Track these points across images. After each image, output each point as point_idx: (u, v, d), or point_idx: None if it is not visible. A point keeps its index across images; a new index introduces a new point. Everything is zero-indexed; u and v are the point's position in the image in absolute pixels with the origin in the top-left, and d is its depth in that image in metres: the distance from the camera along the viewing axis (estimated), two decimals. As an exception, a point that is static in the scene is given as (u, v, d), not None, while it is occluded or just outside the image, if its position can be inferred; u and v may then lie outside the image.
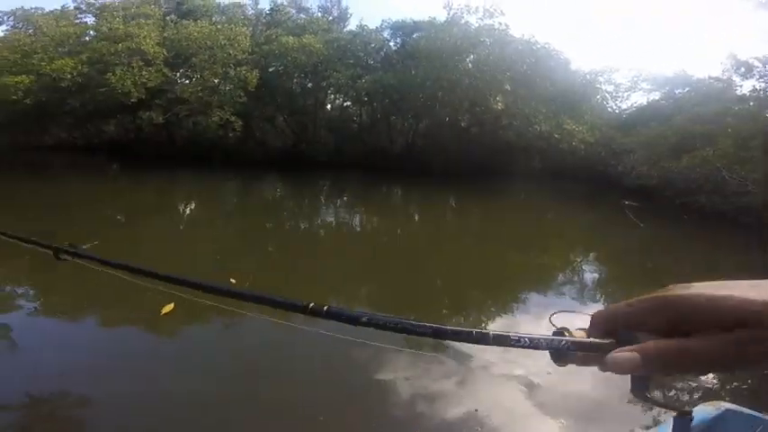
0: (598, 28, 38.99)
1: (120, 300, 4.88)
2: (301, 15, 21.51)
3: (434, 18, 17.47)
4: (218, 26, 15.88)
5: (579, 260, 8.17)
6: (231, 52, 15.32)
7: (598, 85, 18.17)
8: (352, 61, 17.71)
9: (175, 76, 16.16)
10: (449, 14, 16.34)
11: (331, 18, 22.75)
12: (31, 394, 3.13)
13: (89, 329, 4.37)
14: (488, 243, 8.77)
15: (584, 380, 3.54)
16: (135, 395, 3.17)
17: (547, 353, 0.39)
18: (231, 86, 15.67)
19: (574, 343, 0.38)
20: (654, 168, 13.26)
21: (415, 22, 18.45)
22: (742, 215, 9.79)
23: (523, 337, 0.38)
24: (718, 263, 7.55)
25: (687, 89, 18.07)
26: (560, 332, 0.39)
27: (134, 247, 6.61)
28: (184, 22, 16.07)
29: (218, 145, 16.60)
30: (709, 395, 3.51)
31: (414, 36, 18.26)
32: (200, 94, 15.24)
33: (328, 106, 21.39)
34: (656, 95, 19.51)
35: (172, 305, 4.31)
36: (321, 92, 19.39)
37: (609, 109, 19.30)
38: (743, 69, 15.13)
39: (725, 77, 16.63)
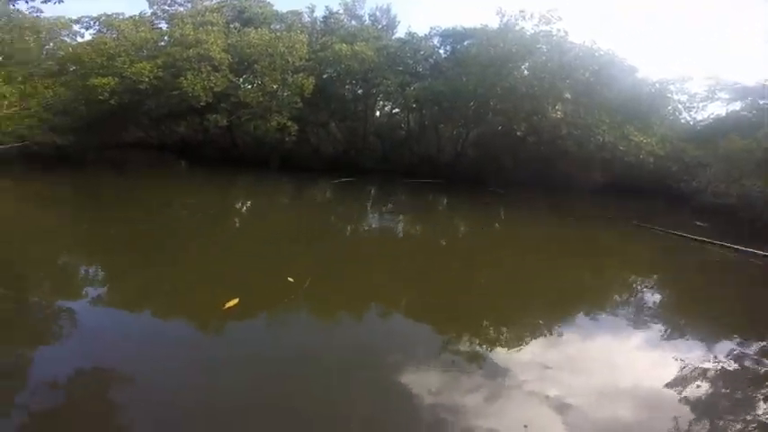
0: (668, 35, 36.17)
1: (188, 291, 5.22)
2: (353, 23, 21.86)
3: (486, 25, 16.88)
4: (278, 34, 16.51)
5: (641, 281, 7.46)
6: (290, 59, 15.90)
7: (669, 95, 16.57)
8: (401, 68, 17.75)
9: (239, 81, 17.13)
10: (501, 21, 15.69)
11: (380, 26, 22.96)
12: (83, 372, 3.38)
13: (158, 318, 4.56)
14: (540, 257, 8.28)
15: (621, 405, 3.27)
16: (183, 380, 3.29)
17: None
18: (289, 92, 16.20)
19: None
20: (733, 186, 12.12)
21: (465, 30, 18.05)
22: None
23: None
24: None
25: None
26: None
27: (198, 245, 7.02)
28: (246, 29, 16.84)
29: (275, 148, 17.28)
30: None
31: (464, 43, 17.91)
32: (260, 99, 15.92)
33: (377, 113, 21.50)
34: (736, 106, 17.54)
35: (236, 300, 4.46)
36: (371, 98, 19.54)
37: (682, 120, 17.63)
38: None
39: None
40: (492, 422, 3.14)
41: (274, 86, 16.31)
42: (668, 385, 3.84)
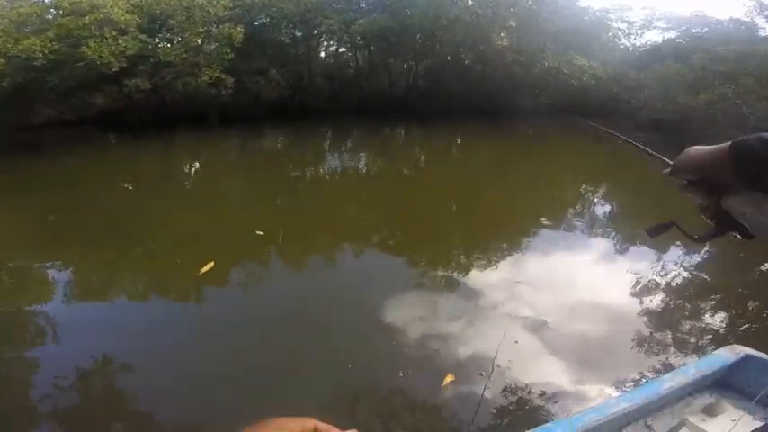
0: None
1: (160, 266, 4.81)
2: None
3: None
4: None
5: (593, 191, 8.07)
6: (211, 10, 14.48)
7: (609, 23, 17.24)
8: (342, 5, 16.79)
9: (154, 41, 15.42)
10: None
11: None
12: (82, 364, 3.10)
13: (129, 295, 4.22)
14: (497, 179, 8.54)
15: (591, 321, 3.55)
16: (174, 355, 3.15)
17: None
18: (216, 44, 14.94)
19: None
20: (669, 104, 13.28)
21: None
22: None
23: None
24: None
25: (705, 29, 17.75)
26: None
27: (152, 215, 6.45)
28: None
29: (210, 103, 16.14)
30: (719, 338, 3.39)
31: None
32: (184, 55, 14.53)
33: (322, 54, 20.37)
34: (671, 34, 19.10)
35: (211, 264, 4.23)
36: (313, 40, 18.31)
37: (621, 47, 18.47)
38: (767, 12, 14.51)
39: (748, 20, 16.40)
40: (477, 343, 3.18)
41: (198, 41, 14.86)
42: (629, 295, 4.02)
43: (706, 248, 5.16)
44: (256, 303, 3.97)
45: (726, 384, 2.01)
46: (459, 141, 13.35)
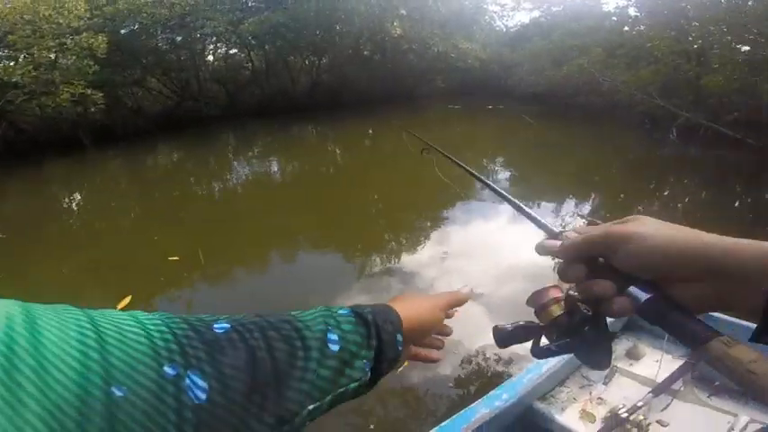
0: None
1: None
2: None
3: None
4: None
5: (496, 160, 8.96)
6: (62, 21, 12.38)
7: (485, 6, 18.75)
8: (227, 6, 15.69)
9: None
10: None
11: None
12: None
13: None
14: (411, 161, 8.93)
15: (516, 282, 3.90)
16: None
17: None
18: (74, 57, 12.88)
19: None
20: (540, 77, 14.77)
21: None
22: (616, 110, 11.46)
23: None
24: (597, 145, 9.16)
25: (561, 7, 19.59)
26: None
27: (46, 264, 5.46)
28: None
29: (81, 123, 13.90)
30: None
31: None
32: (33, 73, 12.20)
33: (210, 57, 18.81)
34: (536, 14, 21.05)
35: (128, 299, 3.88)
36: (196, 44, 16.80)
37: (497, 28, 20.26)
38: None
39: None
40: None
41: (51, 55, 12.65)
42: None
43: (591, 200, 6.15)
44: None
45: (636, 326, 2.13)
46: (370, 131, 13.55)
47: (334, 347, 0.40)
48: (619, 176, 7.32)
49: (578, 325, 0.41)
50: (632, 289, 0.37)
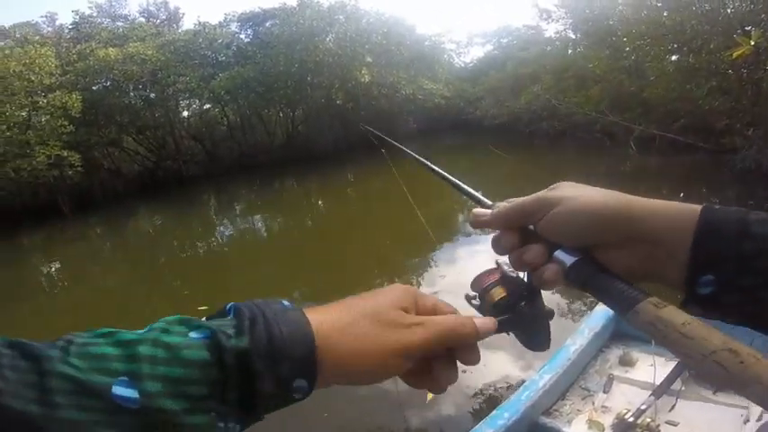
0: None
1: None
2: (118, 24, 18.39)
3: (284, 4, 16.58)
4: (6, 51, 12.48)
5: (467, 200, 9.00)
6: (33, 78, 12.33)
7: (443, 45, 19.66)
8: (197, 61, 16.03)
9: None
10: None
11: (159, 21, 20.06)
12: None
13: None
14: (395, 205, 8.97)
15: None
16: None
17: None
18: (48, 117, 12.71)
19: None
20: (501, 109, 15.12)
21: (264, 11, 17.32)
22: (576, 131, 11.77)
23: None
24: (566, 169, 9.29)
25: (510, 38, 20.73)
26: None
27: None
28: None
29: (58, 187, 13.34)
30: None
31: (267, 24, 17.18)
32: (7, 133, 12.04)
33: (185, 113, 18.92)
34: (489, 47, 22.27)
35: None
36: (170, 100, 16.91)
37: (457, 65, 21.26)
38: (545, 15, 17.73)
39: (535, 24, 18.57)
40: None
41: (23, 114, 12.49)
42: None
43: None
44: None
45: (622, 333, 2.10)
46: (351, 178, 13.55)
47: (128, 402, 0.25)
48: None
49: (515, 301, 0.40)
50: (558, 253, 0.36)
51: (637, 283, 0.33)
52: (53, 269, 8.98)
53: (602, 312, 2.12)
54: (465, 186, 0.49)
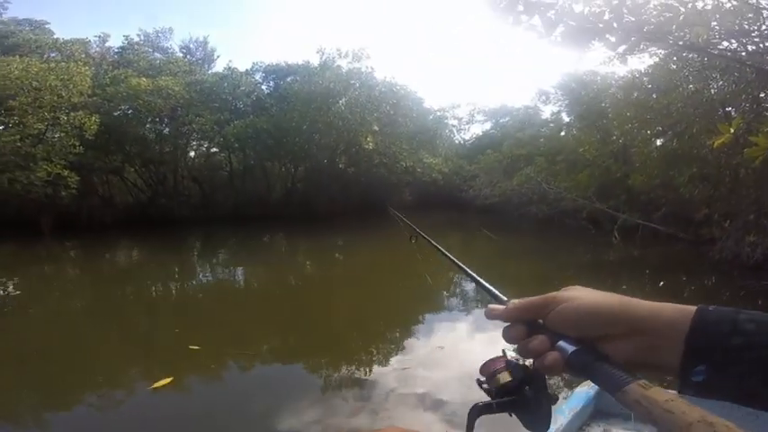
0: (439, 67, 45.31)
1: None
2: (157, 55, 19.44)
3: (308, 62, 17.59)
4: (51, 64, 13.13)
5: (456, 275, 8.84)
6: (64, 94, 12.69)
7: (446, 120, 20.48)
8: (218, 105, 16.48)
9: None
10: (322, 58, 16.70)
11: (195, 59, 21.27)
12: None
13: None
14: (379, 275, 8.57)
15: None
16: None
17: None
18: (63, 134, 12.79)
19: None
20: (494, 189, 15.35)
21: (288, 66, 18.30)
22: (563, 217, 11.97)
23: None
24: (554, 257, 9.31)
25: (508, 118, 21.65)
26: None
27: None
28: (6, 58, 12.90)
29: (46, 206, 13.02)
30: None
31: (288, 79, 18.05)
32: (18, 143, 12.09)
33: (191, 153, 19.07)
34: (488, 126, 23.29)
35: (169, 379, 3.67)
36: (182, 138, 17.18)
37: (456, 141, 22.26)
38: (543, 97, 17.76)
39: (533, 105, 19.95)
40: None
41: (41, 127, 12.71)
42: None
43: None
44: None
45: (603, 412, 2.09)
46: (340, 243, 13.29)
47: None
48: (577, 281, 7.43)
49: (520, 385, 0.44)
50: (561, 343, 0.41)
51: (635, 371, 0.37)
52: (9, 286, 8.37)
53: (583, 392, 2.13)
54: (484, 282, 0.54)
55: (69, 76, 12.81)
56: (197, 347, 4.53)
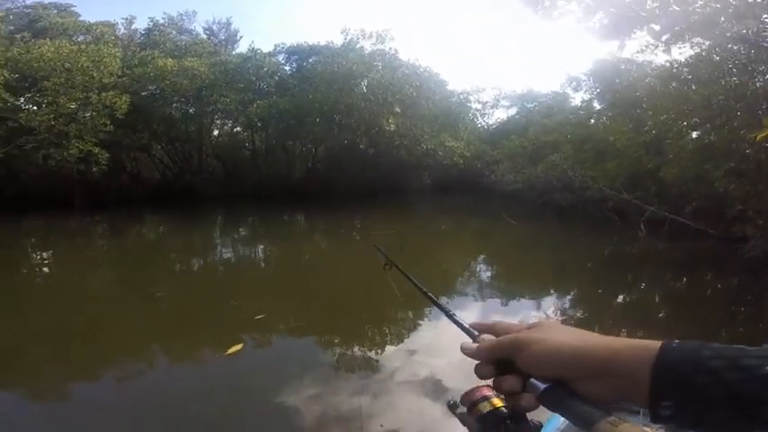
0: (465, 49, 44.35)
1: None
2: (182, 37, 19.86)
3: (331, 42, 17.59)
4: (81, 46, 13.62)
5: (473, 261, 8.71)
6: (95, 75, 13.20)
7: (469, 104, 20.26)
8: (242, 85, 16.77)
9: (18, 101, 13.45)
10: (345, 39, 16.61)
11: (218, 41, 21.63)
12: None
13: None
14: (397, 258, 8.82)
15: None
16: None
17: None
18: (94, 113, 13.34)
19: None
20: (518, 175, 14.99)
21: (311, 47, 18.39)
22: (588, 206, 11.63)
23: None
24: (573, 246, 9.23)
25: (535, 104, 21.14)
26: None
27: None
28: (38, 41, 13.49)
29: (78, 182, 13.90)
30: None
31: (310, 60, 18.16)
32: (52, 122, 12.56)
33: (215, 132, 19.74)
34: (513, 111, 22.72)
35: (240, 346, 3.98)
36: (206, 117, 17.75)
37: (479, 125, 21.82)
38: (574, 84, 17.60)
39: (562, 91, 19.60)
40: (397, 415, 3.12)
41: (73, 106, 13.29)
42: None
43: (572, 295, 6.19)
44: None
45: None
46: (357, 224, 13.41)
47: None
48: (596, 273, 7.36)
49: (501, 419, 0.47)
50: (533, 381, 0.42)
51: (607, 407, 0.39)
52: (44, 256, 9.01)
53: (553, 421, 2.27)
54: (457, 318, 0.55)
55: (100, 58, 13.38)
56: (261, 316, 4.82)
